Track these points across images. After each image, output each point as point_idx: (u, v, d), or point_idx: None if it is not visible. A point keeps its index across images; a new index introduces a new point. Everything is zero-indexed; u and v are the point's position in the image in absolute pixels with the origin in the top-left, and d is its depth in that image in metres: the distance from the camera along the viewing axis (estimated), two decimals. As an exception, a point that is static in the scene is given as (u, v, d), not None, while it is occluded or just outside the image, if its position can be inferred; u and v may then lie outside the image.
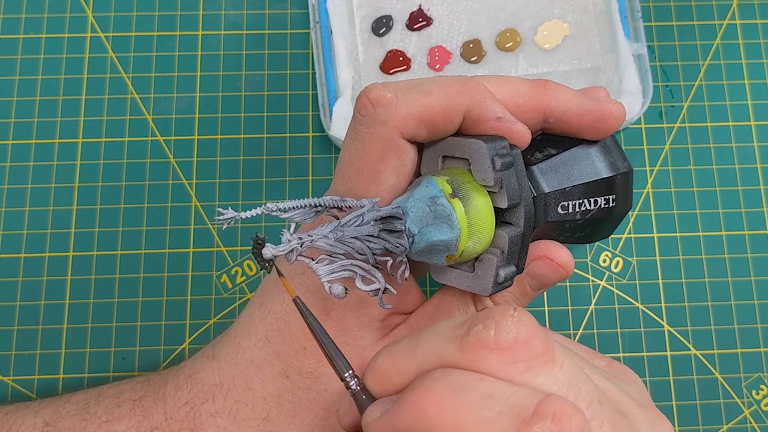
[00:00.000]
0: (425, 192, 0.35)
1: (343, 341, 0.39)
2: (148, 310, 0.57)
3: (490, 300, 0.40)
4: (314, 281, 0.40)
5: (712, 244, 0.58)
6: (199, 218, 0.58)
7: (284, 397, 0.40)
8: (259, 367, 0.40)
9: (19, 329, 0.56)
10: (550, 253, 0.40)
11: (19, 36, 0.62)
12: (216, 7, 0.63)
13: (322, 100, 0.58)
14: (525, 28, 0.61)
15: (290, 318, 0.40)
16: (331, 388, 0.39)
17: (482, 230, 0.36)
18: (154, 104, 0.61)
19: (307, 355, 0.40)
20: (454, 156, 0.38)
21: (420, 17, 0.61)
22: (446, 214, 0.35)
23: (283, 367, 0.40)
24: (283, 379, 0.40)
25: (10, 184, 0.59)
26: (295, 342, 0.40)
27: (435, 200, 0.35)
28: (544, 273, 0.40)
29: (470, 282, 0.38)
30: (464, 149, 0.37)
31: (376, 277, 0.34)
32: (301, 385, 0.40)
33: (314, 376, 0.40)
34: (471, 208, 0.36)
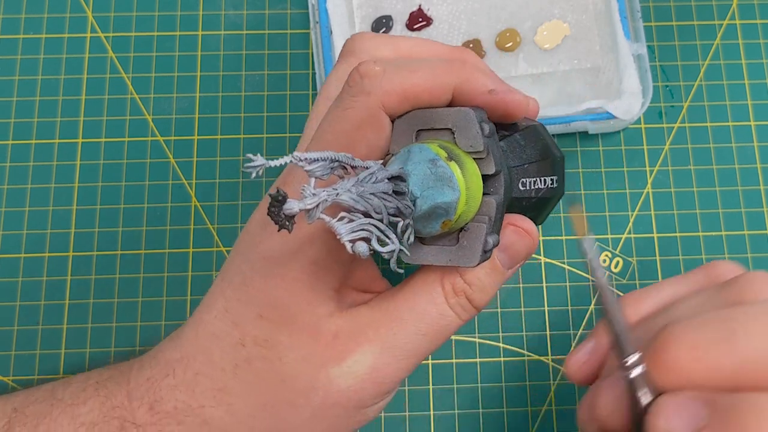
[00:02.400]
0: (423, 156, 0.35)
1: (298, 309, 0.38)
2: (148, 310, 0.57)
3: (470, 273, 0.40)
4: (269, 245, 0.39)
5: (712, 245, 0.58)
6: (199, 218, 0.58)
7: (241, 367, 0.39)
8: (219, 338, 0.39)
9: (19, 329, 0.56)
10: (514, 220, 0.40)
11: (19, 36, 0.62)
12: (216, 7, 0.63)
13: (322, 100, 0.58)
14: (525, 28, 0.61)
15: (249, 287, 0.39)
16: (285, 358, 0.38)
17: (475, 195, 0.36)
18: (154, 104, 0.61)
19: (263, 323, 0.39)
20: (433, 128, 0.38)
21: (420, 17, 0.61)
22: (447, 176, 0.34)
23: (241, 336, 0.39)
24: (240, 348, 0.39)
25: (10, 184, 0.59)
26: (251, 310, 0.39)
27: (435, 162, 0.34)
28: (512, 241, 0.40)
29: (452, 255, 0.37)
30: (447, 119, 0.37)
31: (390, 238, 0.33)
32: (257, 354, 0.39)
33: (269, 345, 0.38)
34: (466, 172, 0.35)
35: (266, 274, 0.39)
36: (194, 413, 0.39)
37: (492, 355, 0.57)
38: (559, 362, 0.56)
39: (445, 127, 0.37)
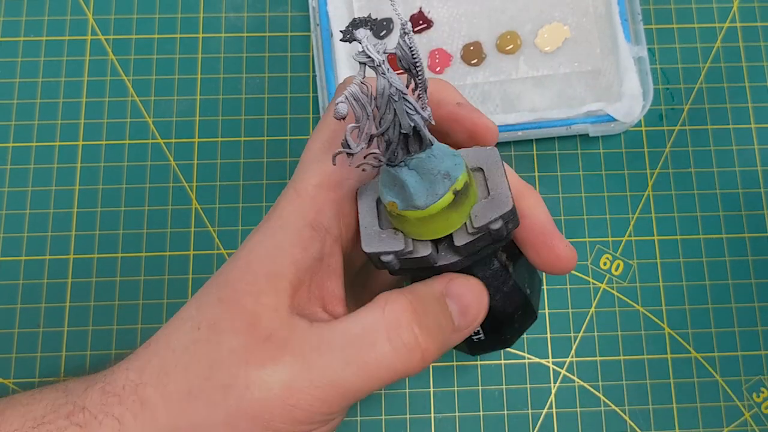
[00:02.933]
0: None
1: (246, 293, 0.37)
2: (149, 313, 0.57)
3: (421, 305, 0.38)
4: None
5: (713, 247, 0.58)
6: (200, 221, 0.58)
7: (189, 349, 0.37)
8: (183, 321, 0.39)
9: (20, 332, 0.56)
10: (466, 277, 0.40)
11: (20, 39, 0.62)
12: (216, 9, 0.63)
13: (323, 102, 0.58)
14: (525, 30, 0.61)
15: (222, 275, 0.39)
16: (222, 343, 0.37)
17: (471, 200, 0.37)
18: (155, 107, 0.61)
19: (219, 306, 0.38)
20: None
21: (420, 20, 0.61)
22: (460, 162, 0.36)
23: (199, 320, 0.38)
24: (195, 331, 0.38)
25: (11, 187, 0.59)
26: (214, 294, 0.38)
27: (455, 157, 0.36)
28: (463, 293, 0.39)
29: (484, 206, 0.37)
30: (476, 157, 0.38)
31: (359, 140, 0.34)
32: (204, 336, 0.37)
33: (216, 328, 0.37)
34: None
35: (237, 261, 0.39)
36: (136, 392, 0.38)
37: (492, 357, 0.57)
38: (560, 365, 0.56)
39: (474, 166, 0.38)
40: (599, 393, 0.56)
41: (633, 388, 0.56)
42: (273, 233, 0.39)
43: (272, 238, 0.39)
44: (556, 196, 0.59)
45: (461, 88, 0.60)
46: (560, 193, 0.60)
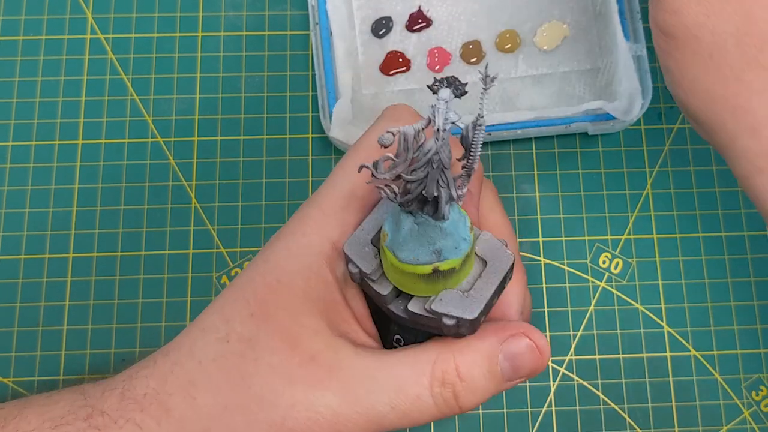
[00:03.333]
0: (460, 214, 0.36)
1: (285, 312, 0.38)
2: (148, 312, 0.57)
3: (466, 366, 0.39)
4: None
5: (712, 245, 0.58)
6: (199, 219, 0.58)
7: (217, 362, 0.38)
8: (206, 332, 0.39)
9: (19, 330, 0.56)
10: (530, 332, 0.40)
11: (19, 38, 0.62)
12: (216, 8, 0.63)
13: (322, 101, 0.58)
14: (524, 29, 0.61)
15: (247, 287, 0.39)
16: (260, 360, 0.38)
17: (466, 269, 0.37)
18: (154, 106, 0.61)
19: (251, 321, 0.38)
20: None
21: (420, 18, 0.61)
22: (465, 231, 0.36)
23: (227, 332, 0.39)
24: (223, 343, 0.38)
25: (10, 186, 0.59)
26: (244, 308, 0.39)
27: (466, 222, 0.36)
28: (521, 353, 0.39)
29: (459, 303, 0.37)
30: (484, 246, 0.38)
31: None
32: (236, 350, 0.38)
33: (251, 343, 0.38)
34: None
35: (266, 276, 0.39)
36: (159, 400, 0.38)
37: (492, 356, 0.57)
38: (560, 363, 0.56)
39: (480, 255, 0.38)
40: (598, 391, 0.56)
41: (632, 386, 0.56)
42: (300, 251, 0.39)
43: (301, 257, 0.39)
44: (555, 194, 0.59)
45: (460, 87, 0.60)
46: (559, 191, 0.60)
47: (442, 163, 0.33)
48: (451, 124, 0.32)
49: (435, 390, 0.38)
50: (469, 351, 0.39)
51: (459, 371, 0.38)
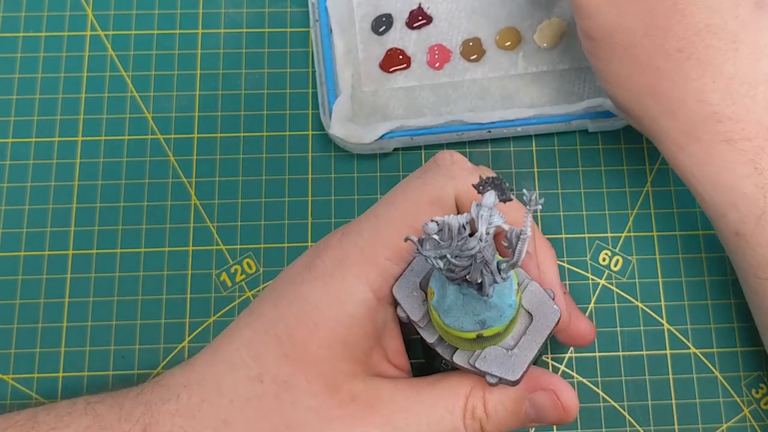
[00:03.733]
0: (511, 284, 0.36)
1: (324, 359, 0.39)
2: (148, 309, 0.57)
3: (493, 403, 0.40)
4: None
5: (712, 243, 0.58)
6: (199, 216, 0.58)
7: (252, 402, 0.38)
8: (235, 368, 0.39)
9: (19, 327, 0.56)
10: (560, 390, 0.41)
11: (19, 34, 0.62)
12: (216, 5, 0.63)
13: (322, 98, 0.58)
14: (524, 26, 0.61)
15: (279, 325, 0.39)
16: (299, 403, 0.38)
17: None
18: (154, 102, 0.61)
19: (287, 362, 0.38)
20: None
21: (420, 16, 0.61)
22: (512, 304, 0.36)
23: (260, 371, 0.38)
24: (257, 383, 0.38)
25: (10, 183, 0.59)
26: (278, 348, 0.38)
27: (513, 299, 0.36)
28: (547, 407, 0.40)
29: (496, 365, 0.38)
30: (532, 299, 0.39)
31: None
32: (272, 392, 0.38)
33: (287, 386, 0.38)
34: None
35: (302, 317, 0.39)
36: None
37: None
38: (560, 360, 0.56)
39: (527, 308, 0.38)
40: (598, 389, 0.56)
41: (632, 384, 0.56)
42: (341, 297, 0.39)
43: (342, 305, 0.39)
44: (555, 192, 0.59)
45: (460, 84, 0.60)
46: (559, 189, 0.59)
47: (486, 261, 0.33)
48: (495, 227, 0.32)
49: (467, 422, 0.39)
50: (498, 391, 0.40)
51: (486, 408, 0.40)
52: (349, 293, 0.39)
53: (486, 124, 0.57)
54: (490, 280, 0.33)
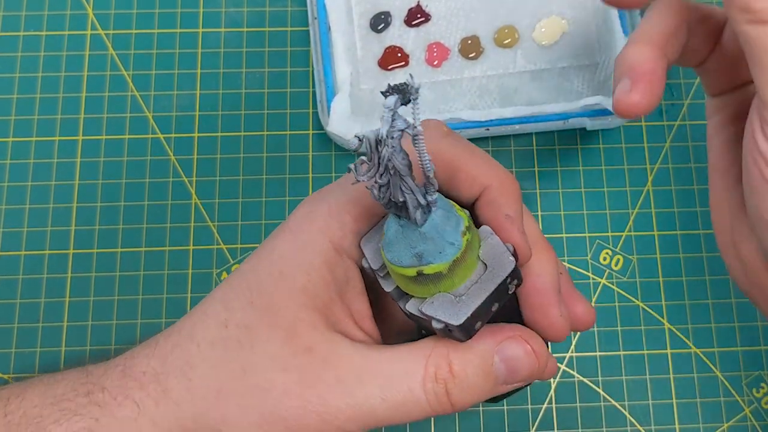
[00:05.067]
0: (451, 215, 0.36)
1: (284, 305, 0.38)
2: (148, 308, 0.57)
3: (459, 364, 0.38)
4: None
5: (712, 242, 0.58)
6: (199, 215, 0.58)
7: (215, 346, 0.39)
8: (207, 316, 0.40)
9: (19, 326, 0.57)
10: (527, 335, 0.39)
11: (20, 33, 0.62)
12: (216, 4, 0.63)
13: (320, 96, 0.59)
14: (523, 24, 0.61)
15: (250, 276, 0.40)
16: (257, 348, 0.38)
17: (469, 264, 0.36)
18: (155, 102, 0.61)
19: (252, 310, 0.39)
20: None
21: (418, 13, 0.61)
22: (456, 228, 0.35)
23: (227, 318, 0.39)
24: (222, 329, 0.39)
25: (10, 182, 0.59)
26: (245, 296, 0.39)
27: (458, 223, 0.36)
28: (516, 355, 0.39)
29: (439, 309, 0.37)
30: (489, 250, 0.38)
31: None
32: (233, 336, 0.39)
33: (249, 331, 0.38)
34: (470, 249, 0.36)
35: (269, 267, 0.39)
36: (158, 380, 0.39)
37: (491, 352, 0.57)
38: (560, 360, 0.56)
39: (483, 259, 0.37)
40: (599, 388, 0.56)
41: (633, 383, 0.56)
42: (303, 246, 0.39)
43: (303, 252, 0.39)
44: (555, 191, 0.59)
45: (459, 82, 0.60)
46: (560, 188, 0.59)
47: (397, 170, 0.33)
48: (399, 131, 0.32)
49: (427, 385, 0.38)
50: (463, 349, 0.38)
51: (452, 368, 0.38)
52: (310, 243, 0.39)
53: (484, 122, 0.57)
54: (413, 201, 0.34)
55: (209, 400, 0.38)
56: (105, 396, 0.39)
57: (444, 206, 0.35)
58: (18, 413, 0.40)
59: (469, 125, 0.57)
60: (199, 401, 0.39)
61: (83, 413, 0.39)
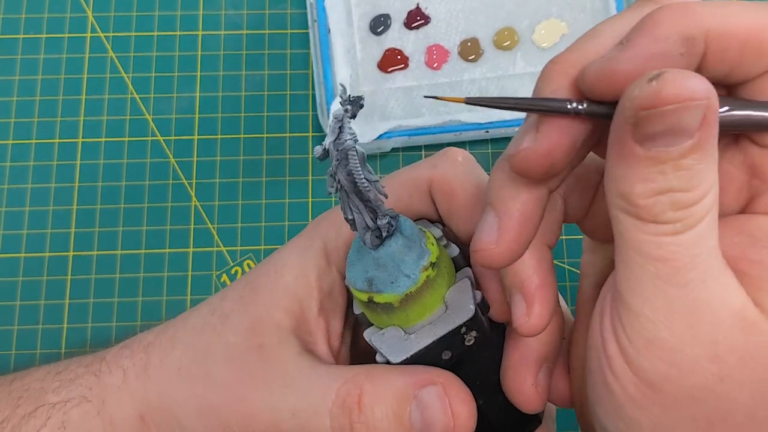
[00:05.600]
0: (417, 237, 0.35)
1: (261, 301, 0.39)
2: (148, 310, 0.57)
3: (368, 397, 0.36)
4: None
5: (712, 243, 0.58)
6: (199, 218, 0.58)
7: (196, 329, 0.40)
8: (205, 304, 0.41)
9: (19, 329, 0.56)
10: (449, 386, 0.36)
11: (19, 36, 0.62)
12: (216, 7, 0.63)
13: (320, 98, 0.59)
14: (522, 26, 0.61)
15: (252, 273, 0.40)
16: (223, 335, 0.38)
17: (429, 303, 0.35)
18: (154, 104, 0.61)
19: (238, 302, 0.39)
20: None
21: (418, 16, 0.61)
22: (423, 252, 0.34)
23: (213, 307, 0.40)
24: (209, 315, 0.40)
25: (10, 184, 0.59)
26: (239, 290, 0.40)
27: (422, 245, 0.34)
28: (431, 405, 0.35)
29: (382, 341, 0.35)
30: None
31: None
32: (212, 323, 0.39)
33: (224, 319, 0.39)
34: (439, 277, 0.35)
35: (267, 266, 0.40)
36: (146, 351, 0.40)
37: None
38: (559, 362, 0.56)
39: (446, 302, 0.35)
40: (598, 390, 0.56)
41: (632, 384, 0.56)
42: (301, 251, 0.40)
43: (298, 256, 0.40)
44: (555, 192, 0.59)
45: (458, 84, 0.60)
46: (559, 189, 0.59)
47: (342, 186, 0.32)
48: (343, 144, 0.31)
49: (333, 410, 0.36)
50: (381, 382, 0.36)
51: (361, 399, 0.35)
52: (306, 249, 0.39)
53: (484, 124, 0.57)
54: (360, 221, 0.33)
55: (171, 378, 0.39)
56: (102, 365, 0.40)
57: (410, 235, 0.34)
58: (22, 387, 0.41)
59: (469, 127, 0.57)
60: (165, 379, 0.39)
61: (80, 382, 0.40)
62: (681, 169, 0.27)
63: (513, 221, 0.32)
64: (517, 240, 0.32)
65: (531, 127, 0.31)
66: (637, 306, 0.29)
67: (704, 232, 0.28)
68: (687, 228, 0.28)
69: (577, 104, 0.30)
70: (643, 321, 0.29)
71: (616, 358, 0.30)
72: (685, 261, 0.28)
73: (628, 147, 0.27)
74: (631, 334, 0.30)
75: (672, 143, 0.27)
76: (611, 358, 0.31)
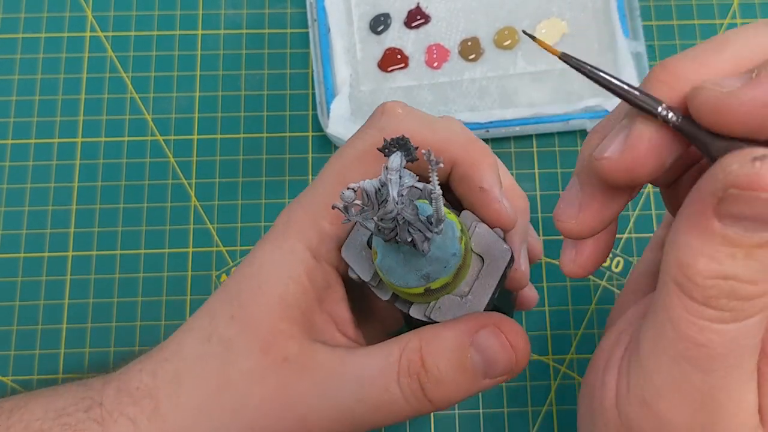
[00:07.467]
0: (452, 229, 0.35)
1: (262, 317, 0.38)
2: (148, 310, 0.57)
3: (431, 358, 0.37)
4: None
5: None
6: (199, 218, 0.58)
7: (199, 360, 0.39)
8: (193, 331, 0.40)
9: (18, 329, 0.56)
10: (502, 325, 0.37)
11: (18, 35, 0.62)
12: (215, 6, 0.63)
13: (320, 98, 0.58)
14: (523, 26, 0.61)
15: (233, 286, 0.40)
16: (236, 363, 0.38)
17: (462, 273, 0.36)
18: (154, 104, 0.61)
19: (233, 323, 0.39)
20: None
21: (418, 15, 0.61)
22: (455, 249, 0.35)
23: (210, 332, 0.39)
24: (206, 343, 0.39)
25: (9, 184, 0.59)
26: (227, 310, 0.39)
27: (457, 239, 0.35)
28: (490, 346, 0.37)
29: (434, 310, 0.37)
30: (484, 243, 0.37)
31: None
32: (215, 352, 0.38)
33: (229, 345, 0.38)
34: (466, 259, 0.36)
35: (249, 279, 0.39)
36: (150, 395, 0.39)
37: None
38: (560, 362, 0.56)
39: (477, 252, 0.37)
40: (599, 390, 0.56)
41: (633, 385, 0.56)
42: (282, 256, 0.39)
43: (281, 262, 0.39)
44: (556, 192, 0.59)
45: (459, 84, 0.60)
46: (560, 189, 0.59)
47: (407, 220, 0.32)
48: (408, 188, 0.31)
49: (402, 381, 0.37)
50: (436, 341, 0.37)
51: (424, 361, 0.36)
52: (288, 252, 0.39)
53: (484, 124, 0.57)
54: (420, 237, 0.33)
55: (192, 416, 0.38)
56: (102, 412, 0.39)
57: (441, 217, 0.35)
58: (20, 426, 0.40)
59: (469, 127, 0.57)
60: (184, 417, 0.39)
61: (83, 429, 0.39)
62: (752, 259, 0.26)
63: (595, 203, 0.33)
64: (598, 218, 0.33)
65: (622, 130, 0.31)
66: (650, 368, 0.29)
67: (750, 330, 0.27)
68: (734, 320, 0.27)
69: (669, 113, 0.29)
70: (649, 385, 0.29)
71: (609, 394, 0.31)
72: (719, 351, 0.27)
73: (705, 218, 0.26)
74: (633, 388, 0.30)
75: (753, 229, 0.26)
76: (606, 391, 0.31)
